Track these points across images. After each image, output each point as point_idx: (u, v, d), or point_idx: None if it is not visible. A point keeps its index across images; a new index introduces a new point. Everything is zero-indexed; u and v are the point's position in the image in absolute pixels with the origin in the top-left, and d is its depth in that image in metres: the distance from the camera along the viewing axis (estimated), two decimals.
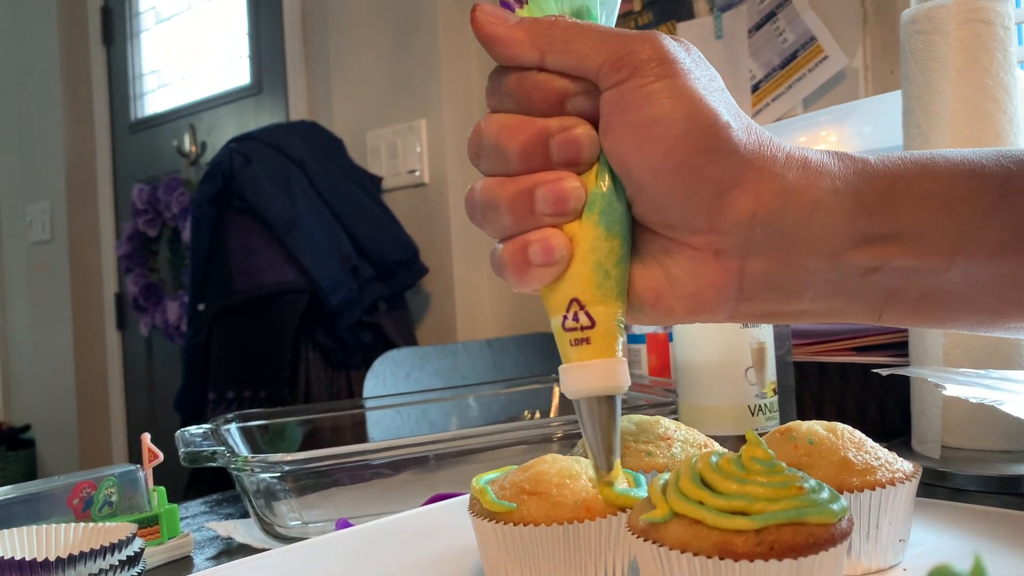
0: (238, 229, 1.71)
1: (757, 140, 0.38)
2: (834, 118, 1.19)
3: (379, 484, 0.73)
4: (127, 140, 2.96)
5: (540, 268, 0.38)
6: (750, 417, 0.71)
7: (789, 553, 0.34)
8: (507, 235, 0.39)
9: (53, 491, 0.61)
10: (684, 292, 0.39)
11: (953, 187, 0.38)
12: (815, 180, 0.38)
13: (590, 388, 0.39)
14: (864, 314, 0.40)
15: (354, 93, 2.08)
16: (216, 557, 0.65)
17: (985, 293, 0.39)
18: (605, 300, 0.38)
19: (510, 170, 0.38)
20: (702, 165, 0.37)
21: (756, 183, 0.37)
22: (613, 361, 0.38)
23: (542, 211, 0.38)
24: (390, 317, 1.83)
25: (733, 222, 0.37)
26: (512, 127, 0.38)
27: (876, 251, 0.38)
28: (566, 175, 0.38)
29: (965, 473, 0.70)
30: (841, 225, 0.38)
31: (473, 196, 0.39)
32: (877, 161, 0.39)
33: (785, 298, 0.39)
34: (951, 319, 0.40)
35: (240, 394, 1.70)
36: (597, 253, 0.38)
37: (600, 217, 0.38)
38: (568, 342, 0.39)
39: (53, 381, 3.13)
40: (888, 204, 0.38)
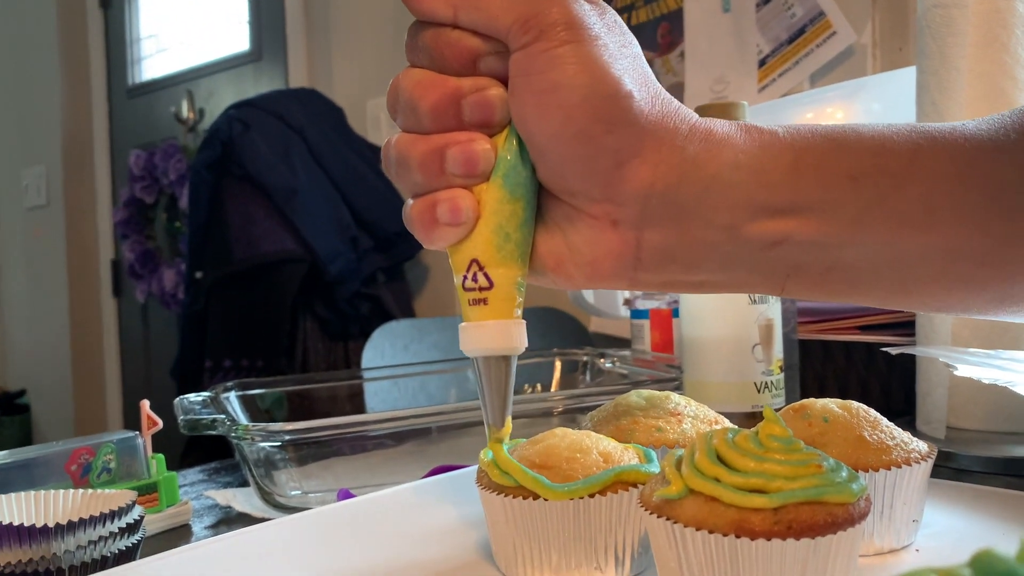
0: (237, 197, 1.70)
1: (661, 111, 0.37)
2: (843, 94, 1.18)
3: (380, 455, 0.72)
4: (124, 105, 2.93)
5: (447, 227, 0.38)
6: (756, 394, 0.70)
7: (807, 532, 0.33)
8: (417, 192, 0.39)
9: (50, 457, 0.61)
10: (583, 260, 0.39)
11: (859, 162, 0.38)
12: (716, 153, 0.37)
13: (485, 348, 0.39)
14: (766, 286, 0.40)
15: (355, 61, 2.05)
16: (215, 526, 0.64)
17: (888, 268, 0.39)
18: (504, 263, 0.39)
19: (422, 128, 0.38)
20: (601, 134, 0.36)
21: (655, 155, 0.37)
22: (509, 323, 0.39)
23: (452, 172, 0.38)
24: (388, 289, 1.82)
25: (630, 193, 0.37)
26: (425, 84, 0.38)
27: (776, 225, 0.38)
28: (477, 137, 0.38)
29: (970, 454, 0.70)
30: (739, 198, 0.37)
31: (388, 150, 0.39)
32: (785, 133, 0.38)
33: (683, 269, 0.39)
34: (855, 293, 0.40)
35: (237, 363, 1.69)
36: (499, 216, 0.38)
37: (504, 180, 0.38)
38: (467, 301, 0.40)
39: (49, 346, 3.12)
40: (791, 179, 0.37)
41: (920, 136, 0.38)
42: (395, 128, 0.63)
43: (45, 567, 0.47)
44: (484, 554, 0.45)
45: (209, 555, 0.47)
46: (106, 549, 0.49)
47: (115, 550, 0.49)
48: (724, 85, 1.53)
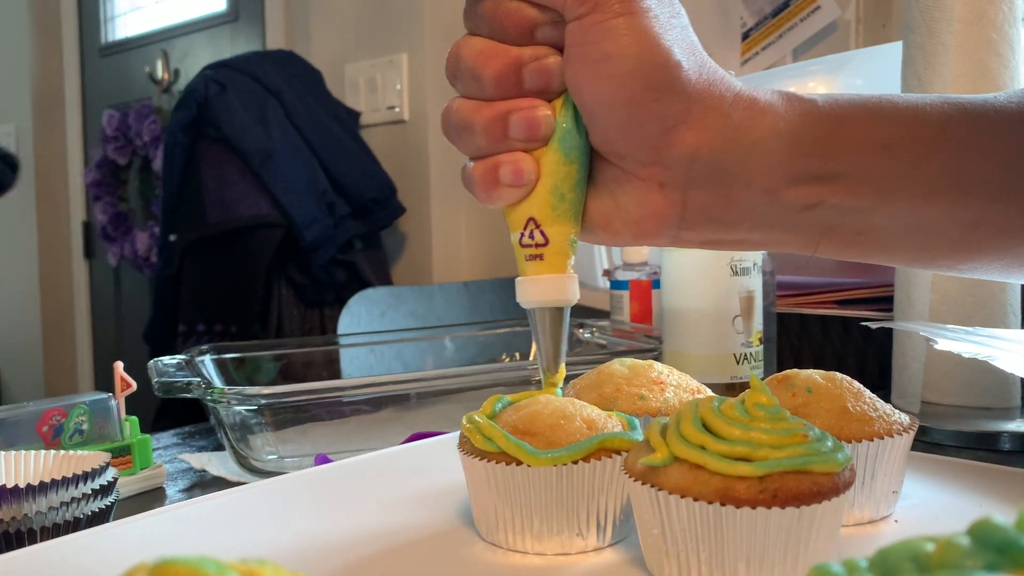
0: (212, 159, 1.67)
1: (708, 79, 0.39)
2: (826, 69, 1.17)
3: (357, 421, 0.72)
4: (97, 64, 2.87)
5: (508, 188, 0.41)
6: (735, 365, 0.70)
7: (792, 501, 0.33)
8: (479, 155, 0.41)
9: (21, 417, 0.60)
10: (630, 218, 0.41)
11: (894, 130, 0.40)
12: (759, 120, 0.39)
13: (541, 300, 0.42)
14: (800, 246, 0.42)
15: (333, 23, 2.02)
16: (189, 489, 0.64)
17: (916, 233, 0.42)
18: (559, 221, 0.41)
19: (485, 95, 0.40)
20: (650, 102, 0.38)
21: (701, 121, 0.39)
22: (563, 276, 0.42)
23: (514, 136, 0.40)
24: (365, 256, 1.80)
25: (676, 157, 0.39)
26: (488, 53, 0.40)
27: (812, 190, 0.40)
28: (538, 103, 0.40)
29: (944, 428, 0.70)
30: (779, 164, 0.39)
31: (449, 115, 0.41)
32: (824, 103, 0.40)
33: (724, 228, 0.41)
34: (884, 254, 0.44)
35: (211, 327, 1.67)
36: (555, 177, 0.41)
37: (560, 144, 0.40)
38: (524, 257, 0.42)
39: (19, 308, 3.08)
40: (827, 146, 0.40)
41: (951, 107, 0.41)
42: (374, 93, 0.61)
43: (16, 528, 0.46)
44: (465, 520, 0.45)
45: (184, 518, 0.46)
46: (79, 511, 0.48)
47: (88, 512, 0.49)
48: None
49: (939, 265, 0.44)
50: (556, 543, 0.40)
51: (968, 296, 0.74)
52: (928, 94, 0.42)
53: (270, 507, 0.48)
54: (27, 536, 0.46)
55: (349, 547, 0.42)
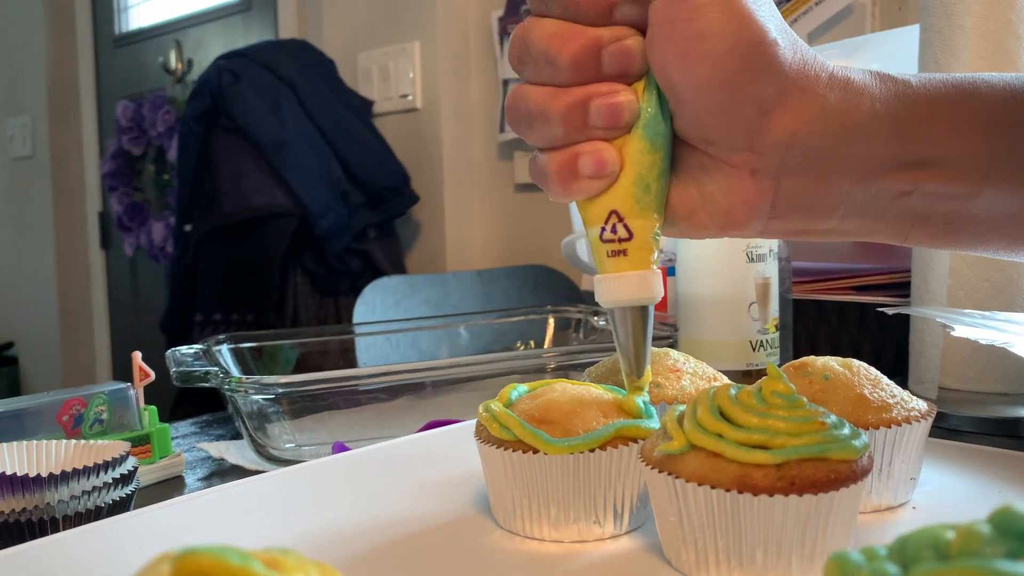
0: (226, 149, 1.68)
1: (802, 59, 0.37)
2: (841, 53, 1.16)
3: (373, 409, 0.72)
4: (111, 55, 2.88)
5: (589, 180, 0.38)
6: (751, 352, 0.70)
7: (810, 489, 0.33)
8: (555, 145, 0.38)
9: (41, 407, 0.60)
10: (717, 208, 0.39)
11: (992, 112, 0.38)
12: (855, 102, 0.37)
13: (626, 299, 0.39)
14: (891, 235, 0.40)
15: (345, 12, 2.02)
16: (208, 478, 0.64)
17: (1012, 219, 0.40)
18: (644, 214, 0.39)
19: (560, 80, 0.37)
20: (747, 83, 0.36)
21: (798, 104, 0.36)
22: (648, 273, 0.39)
23: (596, 124, 0.37)
24: (379, 245, 1.80)
25: (772, 142, 0.37)
26: (563, 36, 0.37)
27: (909, 176, 0.38)
28: (620, 88, 0.37)
29: (961, 414, 0.70)
30: (877, 150, 0.37)
31: (519, 103, 0.38)
32: (918, 84, 0.38)
33: (815, 217, 0.39)
34: (976, 243, 0.41)
35: (227, 316, 1.68)
36: (639, 167, 0.38)
37: (645, 131, 0.38)
38: (605, 253, 0.39)
39: (36, 299, 3.10)
40: (926, 130, 0.38)
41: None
42: (387, 81, 0.59)
43: (39, 516, 0.47)
44: (482, 508, 0.45)
45: (204, 506, 0.47)
46: (100, 499, 0.49)
47: (108, 500, 0.49)
48: None
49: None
50: (573, 531, 0.40)
51: (985, 281, 0.73)
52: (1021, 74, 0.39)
53: (288, 495, 0.49)
54: (50, 525, 0.47)
55: (367, 535, 0.42)
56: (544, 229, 1.78)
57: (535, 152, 0.40)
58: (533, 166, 0.40)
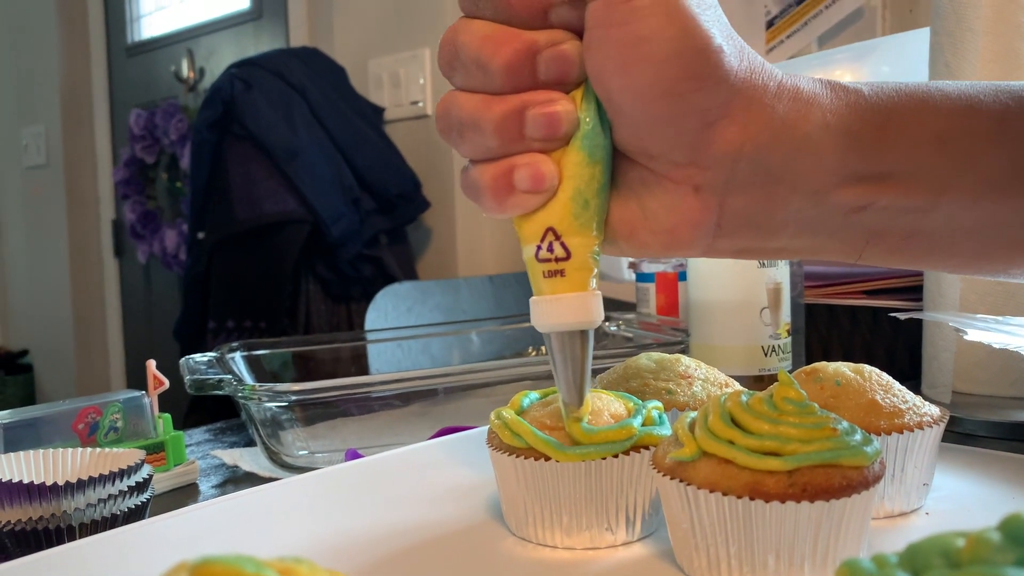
0: (238, 157, 1.69)
1: (749, 67, 0.35)
2: (852, 56, 1.16)
3: (386, 415, 0.73)
4: (124, 64, 2.90)
5: (525, 195, 0.35)
6: (763, 358, 0.70)
7: (822, 495, 0.33)
8: (488, 157, 0.36)
9: (57, 416, 0.61)
10: (659, 227, 0.36)
11: (948, 122, 0.36)
12: (806, 113, 0.35)
13: (563, 323, 0.37)
14: (844, 253, 0.38)
15: (356, 19, 2.03)
16: (222, 485, 0.65)
17: (970, 234, 0.37)
18: (582, 231, 0.36)
19: (493, 87, 0.35)
20: (690, 92, 0.33)
21: (745, 115, 0.34)
22: (587, 295, 0.36)
23: (532, 135, 0.35)
24: (391, 251, 1.81)
25: (717, 156, 0.34)
26: (496, 40, 0.34)
27: (863, 190, 0.36)
28: (557, 96, 0.35)
29: (975, 419, 0.70)
30: (829, 163, 0.35)
31: (449, 112, 0.36)
32: (871, 93, 0.36)
33: (764, 235, 0.37)
34: (933, 259, 0.39)
35: (240, 324, 1.69)
36: (577, 180, 0.35)
37: (583, 142, 0.35)
38: (541, 273, 0.37)
39: (50, 306, 3.12)
40: (880, 141, 0.36)
41: (1008, 96, 0.37)
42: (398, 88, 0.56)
43: (55, 525, 0.47)
44: (494, 515, 0.45)
45: (218, 514, 0.47)
46: (115, 507, 0.49)
47: (124, 508, 0.50)
48: None
49: (993, 269, 0.40)
50: (585, 538, 0.41)
51: (998, 285, 0.73)
52: (981, 82, 0.38)
53: (302, 503, 0.49)
54: (66, 533, 0.47)
55: (381, 542, 0.42)
56: None
57: (467, 164, 0.37)
58: (465, 179, 0.37)
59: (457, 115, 0.36)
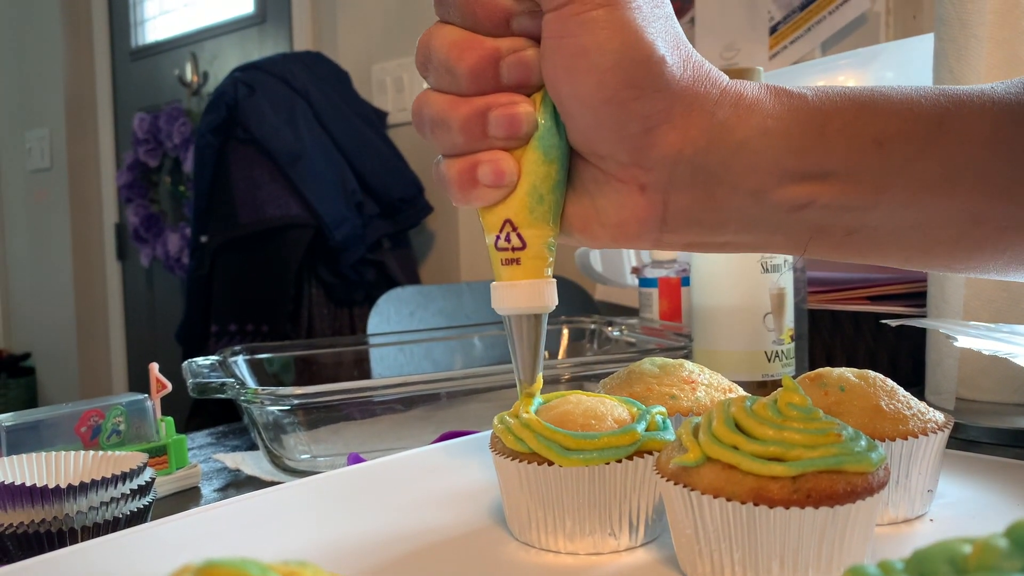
0: (242, 161, 1.69)
1: (693, 75, 0.37)
2: (855, 62, 1.16)
3: (388, 420, 0.72)
4: (127, 68, 2.91)
5: (487, 189, 0.38)
6: (766, 363, 0.70)
7: (826, 501, 0.33)
8: (455, 152, 0.39)
9: (60, 419, 0.61)
10: (609, 221, 0.39)
11: (886, 125, 0.38)
12: (745, 118, 0.37)
13: (517, 307, 0.40)
14: (788, 247, 0.41)
15: (360, 24, 2.03)
16: (224, 489, 0.64)
17: (911, 232, 0.39)
18: (537, 224, 0.39)
19: (460, 89, 0.38)
20: (630, 100, 0.36)
21: (685, 120, 0.37)
22: (540, 282, 0.40)
23: (494, 134, 0.38)
24: (393, 255, 1.81)
25: (658, 158, 0.37)
26: (462, 45, 0.37)
27: (803, 189, 0.38)
28: (519, 99, 0.38)
29: (979, 425, 0.69)
30: (767, 164, 0.37)
31: (422, 109, 0.39)
32: (814, 97, 0.38)
33: (708, 231, 0.40)
34: (876, 254, 0.41)
35: (242, 327, 1.69)
36: (534, 177, 0.38)
37: (540, 142, 0.38)
38: (500, 261, 0.40)
39: (53, 310, 3.12)
40: (818, 143, 0.38)
41: (947, 99, 0.38)
42: (401, 93, 0.57)
43: (58, 528, 0.47)
44: (497, 519, 0.45)
45: (221, 518, 0.47)
46: (118, 510, 0.49)
47: (127, 511, 0.50)
48: (735, 52, 1.52)
49: (935, 264, 0.42)
50: (589, 543, 0.40)
51: (1003, 291, 0.73)
52: (923, 85, 0.39)
53: (304, 507, 0.49)
54: (68, 536, 0.47)
55: (383, 546, 0.42)
56: None
57: (439, 157, 0.40)
58: (436, 171, 0.40)
59: (428, 113, 0.39)
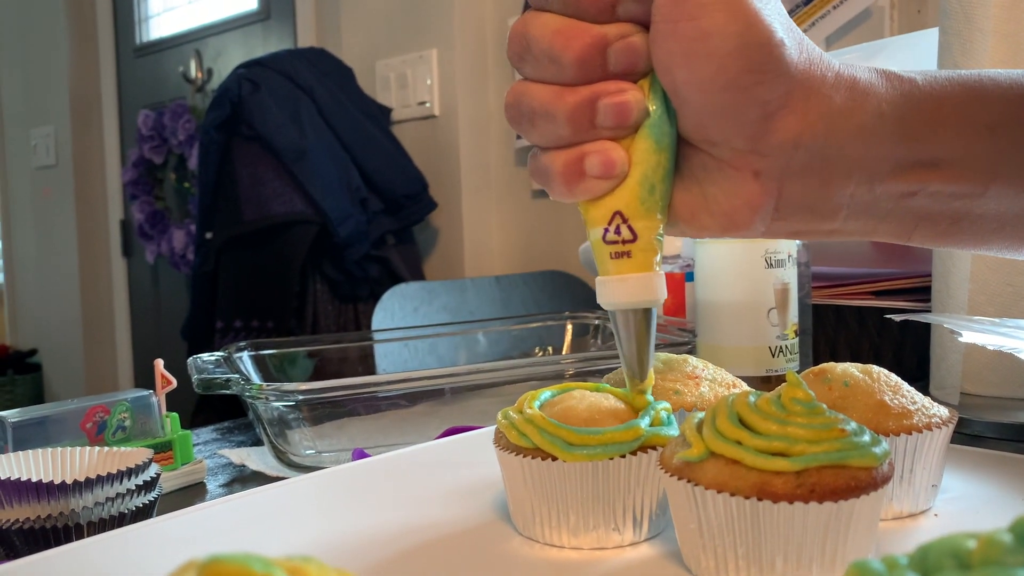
0: (246, 157, 1.69)
1: (808, 59, 0.36)
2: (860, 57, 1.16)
3: (393, 415, 0.73)
4: (132, 65, 2.91)
5: (596, 180, 0.37)
6: (770, 358, 0.70)
7: (830, 496, 0.33)
8: (560, 144, 0.38)
9: (66, 415, 0.61)
10: (719, 210, 0.38)
11: (998, 111, 0.38)
12: (861, 103, 0.36)
13: (629, 301, 0.39)
14: (895, 234, 0.40)
15: (363, 20, 2.03)
16: (229, 484, 0.65)
17: (1017, 220, 0.39)
18: (648, 215, 0.38)
19: (565, 78, 0.37)
20: (752, 85, 0.35)
21: (804, 105, 0.36)
22: (652, 275, 0.39)
23: (603, 124, 0.36)
24: (398, 251, 1.81)
25: (777, 144, 0.36)
26: (567, 33, 0.36)
27: (914, 176, 0.38)
28: (627, 87, 0.36)
29: (984, 420, 0.69)
30: (882, 151, 0.37)
31: (521, 101, 0.37)
32: (924, 82, 0.38)
33: (819, 218, 0.39)
34: (980, 242, 0.41)
35: (248, 324, 1.69)
36: (644, 166, 0.37)
37: (651, 130, 0.37)
38: (608, 255, 0.39)
39: (59, 306, 3.13)
40: (932, 130, 0.37)
41: None
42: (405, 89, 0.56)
43: (63, 523, 0.47)
44: (501, 514, 0.45)
45: (226, 513, 0.47)
46: (123, 506, 0.49)
47: (132, 507, 0.50)
48: None
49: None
50: (592, 538, 0.40)
51: (1007, 286, 0.73)
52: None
53: (309, 502, 0.49)
54: (74, 531, 0.47)
55: (387, 542, 0.42)
56: (562, 235, 1.78)
57: (535, 150, 0.39)
58: (535, 164, 0.39)
59: (529, 104, 0.37)
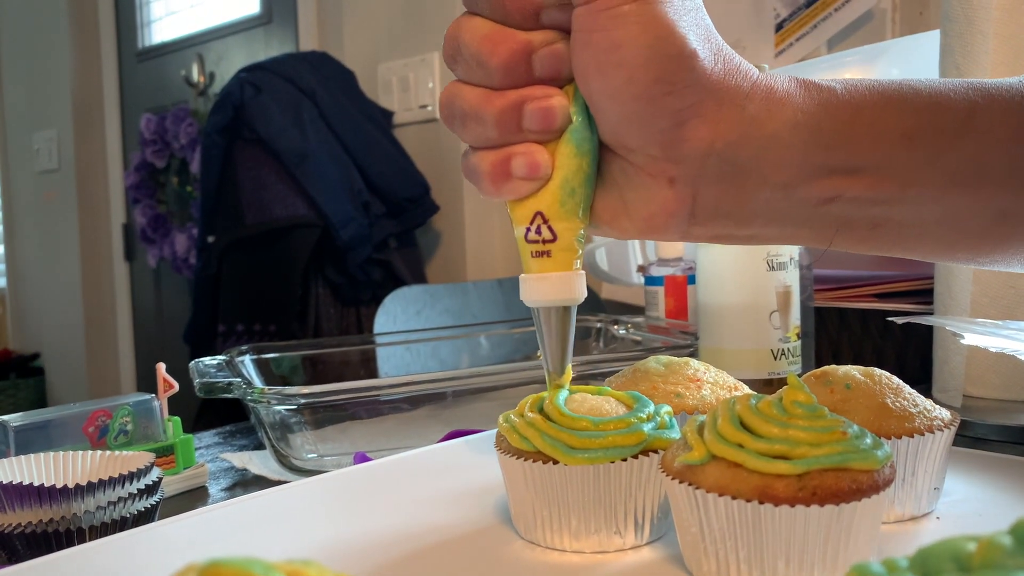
0: (248, 161, 1.69)
1: (724, 68, 0.37)
2: (862, 59, 1.16)
3: (395, 419, 0.73)
4: (134, 69, 2.91)
5: (521, 181, 0.38)
6: (772, 361, 0.70)
7: (831, 499, 0.33)
8: (488, 145, 0.39)
9: (68, 418, 0.61)
10: (637, 214, 0.39)
11: (915, 120, 0.38)
12: (775, 112, 0.37)
13: (547, 299, 0.40)
14: (815, 240, 0.41)
15: (365, 24, 2.03)
16: (231, 488, 0.65)
17: (937, 226, 0.39)
18: (568, 216, 0.39)
19: (492, 82, 0.38)
20: (662, 95, 0.36)
21: (716, 114, 0.36)
22: (571, 274, 0.40)
23: (529, 127, 0.38)
24: (400, 254, 1.81)
25: (689, 152, 0.37)
26: (494, 39, 0.37)
27: (831, 183, 0.38)
28: (553, 92, 0.38)
29: (987, 423, 0.69)
30: (796, 159, 0.37)
31: (453, 103, 0.39)
32: (843, 91, 0.38)
33: (736, 224, 0.40)
34: (902, 247, 0.41)
35: (250, 327, 1.69)
36: (566, 170, 0.38)
37: (572, 135, 0.38)
38: (530, 253, 0.40)
39: (62, 310, 3.13)
40: (847, 138, 0.37)
41: (977, 93, 0.38)
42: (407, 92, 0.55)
43: (65, 527, 0.47)
44: (503, 518, 0.45)
45: (228, 517, 0.47)
46: (125, 510, 0.49)
47: (134, 511, 0.50)
48: (740, 50, 1.51)
49: (959, 258, 0.42)
50: (594, 541, 0.40)
51: (1010, 288, 0.73)
52: (953, 80, 0.39)
53: (311, 506, 0.49)
54: (76, 535, 0.47)
55: (389, 545, 0.42)
56: None
57: (467, 149, 0.40)
58: (465, 163, 0.40)
59: (460, 106, 0.38)
